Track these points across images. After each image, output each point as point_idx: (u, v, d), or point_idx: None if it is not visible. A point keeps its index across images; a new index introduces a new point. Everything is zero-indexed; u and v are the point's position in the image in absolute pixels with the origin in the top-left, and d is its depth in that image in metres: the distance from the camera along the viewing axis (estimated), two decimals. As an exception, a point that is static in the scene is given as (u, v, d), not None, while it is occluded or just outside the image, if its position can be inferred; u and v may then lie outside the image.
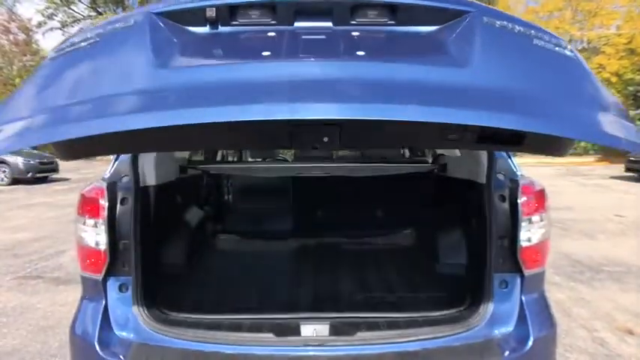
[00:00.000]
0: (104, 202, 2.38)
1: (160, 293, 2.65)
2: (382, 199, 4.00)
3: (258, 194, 4.99)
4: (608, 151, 28.74)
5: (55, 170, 18.93)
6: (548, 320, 2.53)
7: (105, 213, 2.37)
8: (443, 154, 3.76)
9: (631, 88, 28.46)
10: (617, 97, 25.42)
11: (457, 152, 3.87)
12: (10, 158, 17.05)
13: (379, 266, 3.35)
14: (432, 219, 3.63)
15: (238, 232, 4.22)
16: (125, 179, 2.51)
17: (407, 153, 5.04)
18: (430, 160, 3.99)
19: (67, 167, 20.77)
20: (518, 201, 2.47)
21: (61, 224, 8.99)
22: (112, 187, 2.45)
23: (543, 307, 2.57)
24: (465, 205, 3.10)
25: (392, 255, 3.56)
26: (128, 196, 2.45)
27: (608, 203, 11.69)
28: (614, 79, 28.05)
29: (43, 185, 16.82)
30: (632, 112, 28.77)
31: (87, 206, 2.41)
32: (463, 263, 3.13)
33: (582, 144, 29.98)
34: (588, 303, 4.77)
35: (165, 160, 2.94)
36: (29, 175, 17.39)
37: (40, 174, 17.88)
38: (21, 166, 17.33)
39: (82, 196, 2.43)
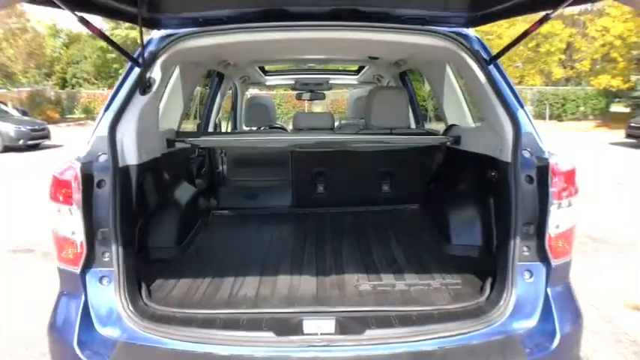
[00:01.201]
0: (78, 186, 2.09)
1: (146, 285, 2.40)
2: (389, 173, 3.71)
3: (255, 167, 4.69)
4: (608, 116, 28.48)
5: (47, 137, 18.51)
6: (575, 315, 2.30)
7: (79, 198, 2.08)
8: (456, 125, 3.46)
9: (635, 52, 27.82)
10: (620, 61, 24.92)
11: (471, 123, 3.57)
12: (-1, 126, 16.67)
13: (386, 248, 3.09)
14: (442, 196, 3.36)
15: (233, 209, 3.94)
16: (103, 158, 2.22)
17: (413, 124, 4.72)
18: (441, 132, 3.69)
19: (58, 134, 20.34)
20: (549, 183, 2.19)
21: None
22: (87, 167, 2.15)
23: (570, 300, 2.33)
24: (482, 184, 2.82)
25: (400, 235, 3.29)
26: (105, 178, 2.16)
27: (609, 171, 11.42)
28: (617, 43, 27.37)
29: (36, 153, 16.42)
30: (634, 77, 28.32)
31: (59, 190, 2.12)
32: (477, 245, 2.89)
33: (582, 109, 29.69)
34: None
35: (149, 134, 2.64)
36: (20, 142, 16.98)
37: (31, 141, 17.46)
38: (12, 133, 16.91)
39: (54, 178, 2.14)
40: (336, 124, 4.10)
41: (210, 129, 4.97)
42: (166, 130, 3.19)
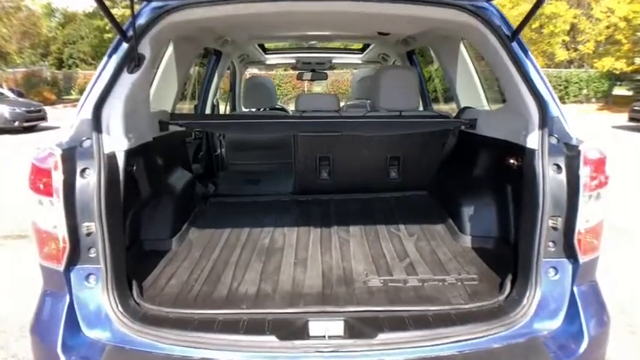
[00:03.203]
0: (59, 175, 1.88)
1: (137, 282, 2.21)
2: (397, 158, 3.49)
3: (255, 150, 4.48)
4: (610, 99, 28.18)
5: (44, 118, 18.21)
6: (603, 315, 2.12)
7: (61, 188, 1.88)
8: (470, 108, 3.23)
9: None
10: (624, 43, 24.53)
11: (485, 106, 3.36)
12: (-6, 107, 16.40)
13: (396, 239, 2.90)
14: (455, 183, 3.16)
15: (232, 196, 3.73)
16: (87, 143, 2.00)
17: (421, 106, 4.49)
18: (453, 115, 3.47)
19: (55, 115, 20.02)
20: (580, 172, 1.99)
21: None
22: (70, 154, 1.94)
23: (597, 299, 2.15)
24: (500, 171, 2.62)
25: (410, 224, 3.09)
26: (90, 166, 1.95)
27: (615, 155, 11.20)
28: (622, 24, 26.91)
29: (32, 135, 16.15)
30: (638, 60, 27.91)
31: (39, 180, 1.91)
32: (493, 236, 2.71)
33: (584, 91, 29.36)
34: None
35: (139, 116, 2.42)
36: (16, 124, 16.73)
37: (27, 123, 17.20)
38: (7, 115, 16.63)
39: (33, 166, 1.93)
40: (341, 104, 3.86)
41: (208, 111, 4.75)
42: (159, 111, 2.97)
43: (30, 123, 17.38)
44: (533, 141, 2.14)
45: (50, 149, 1.93)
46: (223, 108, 5.94)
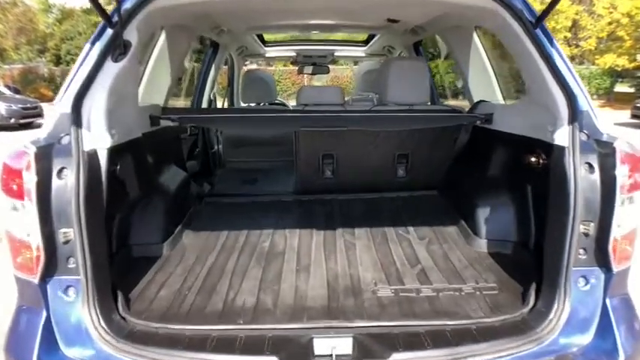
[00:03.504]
0: (31, 176, 1.67)
1: (124, 294, 2.00)
2: (405, 156, 3.26)
3: (254, 146, 4.26)
4: (612, 96, 27.98)
5: (40, 115, 17.94)
6: (638, 330, 1.92)
7: (33, 191, 1.67)
8: (485, 102, 3.02)
9: (642, 30, 27.13)
10: (626, 40, 24.32)
11: (500, 100, 3.15)
12: (-11, 104, 16.18)
13: (406, 243, 2.69)
14: (469, 182, 2.95)
15: (229, 195, 3.51)
16: (65, 140, 1.79)
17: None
18: (466, 110, 3.25)
19: (53, 112, 19.72)
20: (615, 172, 1.78)
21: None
22: (45, 152, 1.73)
23: (631, 312, 1.95)
24: (519, 170, 2.42)
25: (420, 226, 2.88)
26: (68, 165, 1.74)
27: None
28: (624, 21, 26.68)
29: (29, 132, 15.90)
30: (641, 57, 27.69)
31: (11, 181, 1.70)
32: (511, 241, 2.50)
33: (586, 88, 29.14)
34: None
35: (125, 110, 2.20)
36: (12, 120, 16.47)
37: (23, 120, 16.92)
38: (3, 111, 16.40)
39: (4, 166, 1.72)
40: (346, 99, 3.63)
41: (204, 105, 4.52)
42: (150, 105, 2.75)
43: (26, 120, 17.09)
44: (561, 137, 1.94)
45: (24, 147, 1.72)
46: (221, 103, 5.72)
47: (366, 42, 5.32)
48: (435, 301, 2.07)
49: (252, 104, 4.78)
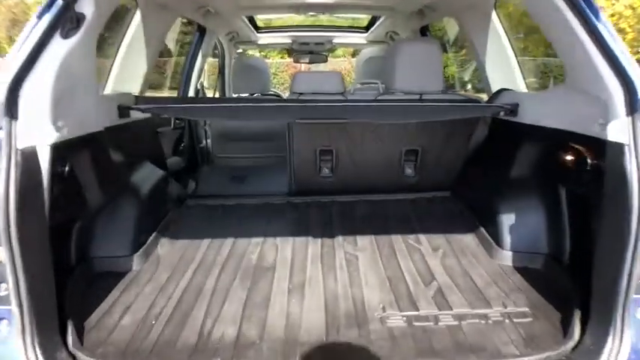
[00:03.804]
0: None
1: (75, 322, 1.62)
2: (414, 152, 2.87)
3: (247, 141, 3.86)
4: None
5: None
6: None
7: None
8: (507, 90, 2.62)
9: (645, 22, 26.74)
10: (628, 32, 24.18)
11: (523, 88, 2.76)
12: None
13: (417, 255, 2.31)
14: (489, 183, 2.56)
15: (213, 197, 3.11)
16: None
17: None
18: (484, 99, 2.85)
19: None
20: None
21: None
22: None
23: None
24: (553, 169, 2.04)
25: (433, 235, 2.50)
26: None
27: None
28: (627, 13, 26.22)
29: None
30: (643, 49, 27.30)
31: None
32: (542, 253, 2.13)
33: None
34: None
35: (79, 98, 1.82)
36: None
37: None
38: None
39: None
40: (347, 87, 3.20)
41: (191, 95, 4.12)
42: (119, 94, 2.37)
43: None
44: (617, 132, 1.55)
45: None
46: (212, 94, 5.31)
47: (367, 28, 4.91)
48: (457, 333, 1.69)
49: (244, 95, 4.37)
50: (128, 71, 2.68)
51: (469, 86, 6.07)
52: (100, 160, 2.02)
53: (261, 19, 4.81)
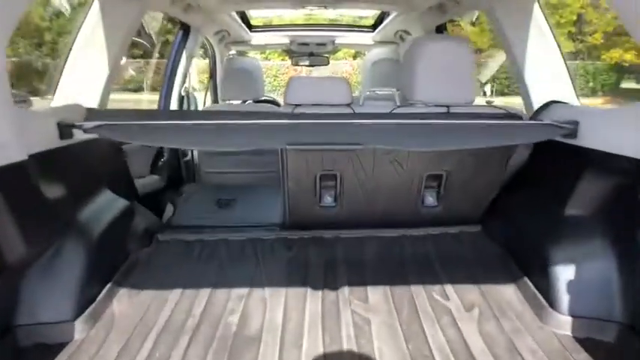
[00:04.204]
0: None
1: None
2: (437, 177, 2.32)
3: (239, 154, 3.31)
4: (618, 93, 27.10)
5: (25, 111, 16.99)
6: None
7: None
8: (560, 103, 2.09)
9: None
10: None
11: (574, 100, 2.23)
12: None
13: (444, 316, 1.78)
14: (537, 220, 2.03)
15: (193, 228, 2.53)
16: None
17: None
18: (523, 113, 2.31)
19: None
20: None
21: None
22: None
23: None
24: (630, 209, 1.53)
25: (462, 286, 1.98)
26: None
27: None
28: None
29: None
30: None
31: None
32: (614, 320, 1.62)
33: (590, 84, 28.26)
34: None
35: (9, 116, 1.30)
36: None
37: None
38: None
39: None
40: (354, 94, 2.61)
41: (174, 105, 3.59)
42: (59, 108, 1.85)
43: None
44: None
45: None
46: (202, 102, 4.77)
47: (373, 27, 4.37)
48: None
49: (235, 102, 3.81)
50: (83, 78, 2.16)
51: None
52: (25, 198, 1.50)
53: (254, 15, 4.29)
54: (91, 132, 1.75)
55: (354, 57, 20.47)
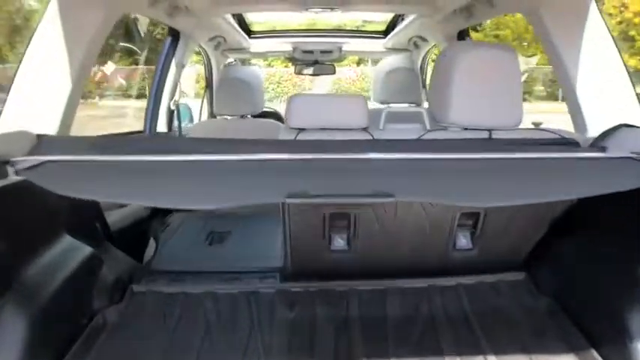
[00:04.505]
0: None
1: None
2: (472, 215, 1.87)
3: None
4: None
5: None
6: None
7: None
8: (630, 126, 1.68)
9: (655, 30, 26.02)
10: (638, 40, 23.63)
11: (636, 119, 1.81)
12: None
13: None
14: (601, 272, 1.62)
15: (175, 274, 2.09)
16: None
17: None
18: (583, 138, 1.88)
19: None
20: None
21: None
22: None
23: None
24: None
25: (506, 351, 1.57)
26: None
27: None
28: (636, 20, 25.62)
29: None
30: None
31: None
32: None
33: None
34: None
35: None
36: None
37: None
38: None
39: None
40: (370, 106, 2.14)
41: (162, 121, 3.19)
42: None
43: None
44: None
45: None
46: (198, 116, 4.37)
47: (385, 32, 3.97)
48: None
49: (230, 117, 3.40)
50: (37, 95, 1.77)
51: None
52: None
53: (253, 20, 3.91)
54: (22, 174, 1.34)
55: (358, 63, 20.07)
